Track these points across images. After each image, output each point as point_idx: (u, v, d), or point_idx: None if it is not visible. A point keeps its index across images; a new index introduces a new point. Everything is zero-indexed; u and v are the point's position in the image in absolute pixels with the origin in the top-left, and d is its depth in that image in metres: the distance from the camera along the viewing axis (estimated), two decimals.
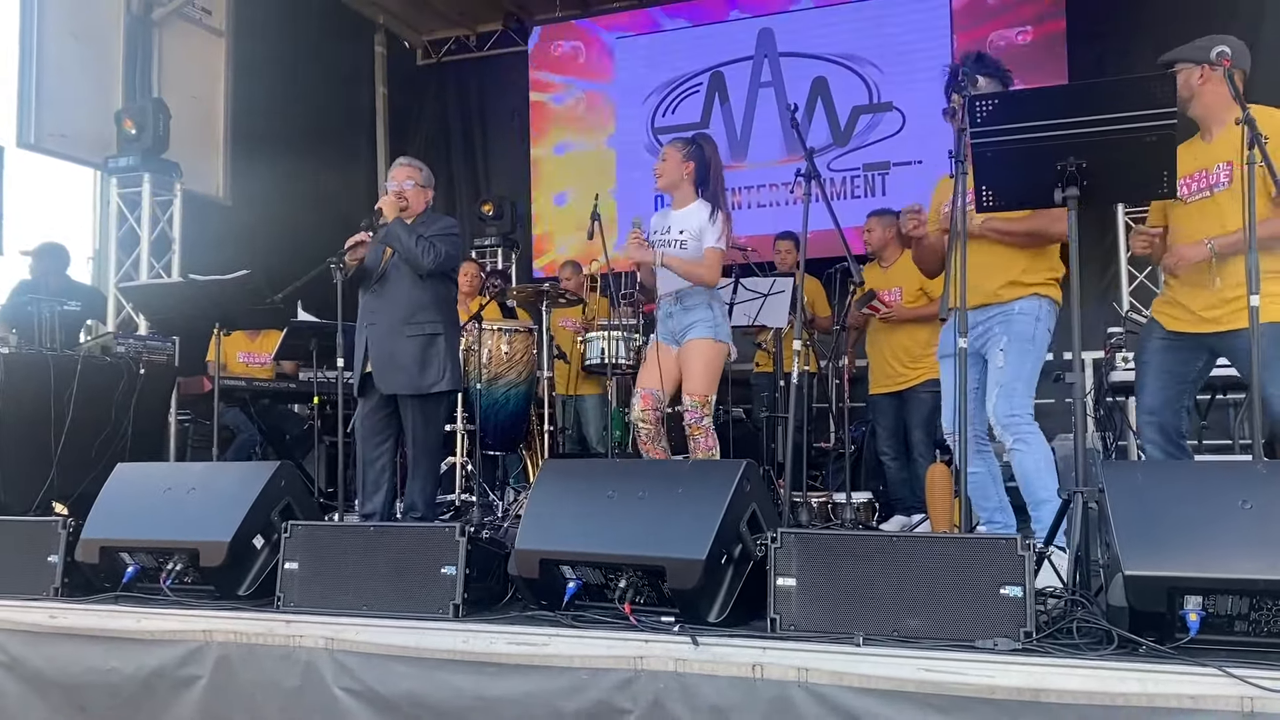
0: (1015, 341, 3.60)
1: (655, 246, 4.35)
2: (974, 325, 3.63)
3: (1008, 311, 3.64)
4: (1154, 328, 3.61)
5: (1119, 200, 3.10)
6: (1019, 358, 3.59)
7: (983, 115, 3.05)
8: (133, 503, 3.76)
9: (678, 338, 4.35)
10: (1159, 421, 3.55)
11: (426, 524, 3.99)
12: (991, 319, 3.66)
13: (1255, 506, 2.48)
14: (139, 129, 6.84)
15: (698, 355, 4.26)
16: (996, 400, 3.59)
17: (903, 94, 8.40)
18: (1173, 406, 3.55)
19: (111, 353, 5.38)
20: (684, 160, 4.36)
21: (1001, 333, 3.63)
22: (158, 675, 3.17)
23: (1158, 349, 3.57)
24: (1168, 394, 3.55)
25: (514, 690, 2.76)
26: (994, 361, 3.63)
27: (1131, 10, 7.52)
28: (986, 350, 3.69)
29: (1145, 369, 3.61)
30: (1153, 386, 3.57)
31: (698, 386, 4.25)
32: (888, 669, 2.46)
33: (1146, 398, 3.59)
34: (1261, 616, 2.41)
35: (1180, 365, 3.54)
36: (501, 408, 5.77)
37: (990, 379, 3.65)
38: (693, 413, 4.24)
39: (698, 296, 4.32)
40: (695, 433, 4.27)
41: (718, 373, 4.35)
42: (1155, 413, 3.56)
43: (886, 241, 5.75)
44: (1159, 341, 3.57)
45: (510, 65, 9.93)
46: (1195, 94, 3.41)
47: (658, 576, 2.90)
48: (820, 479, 6.47)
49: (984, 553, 2.62)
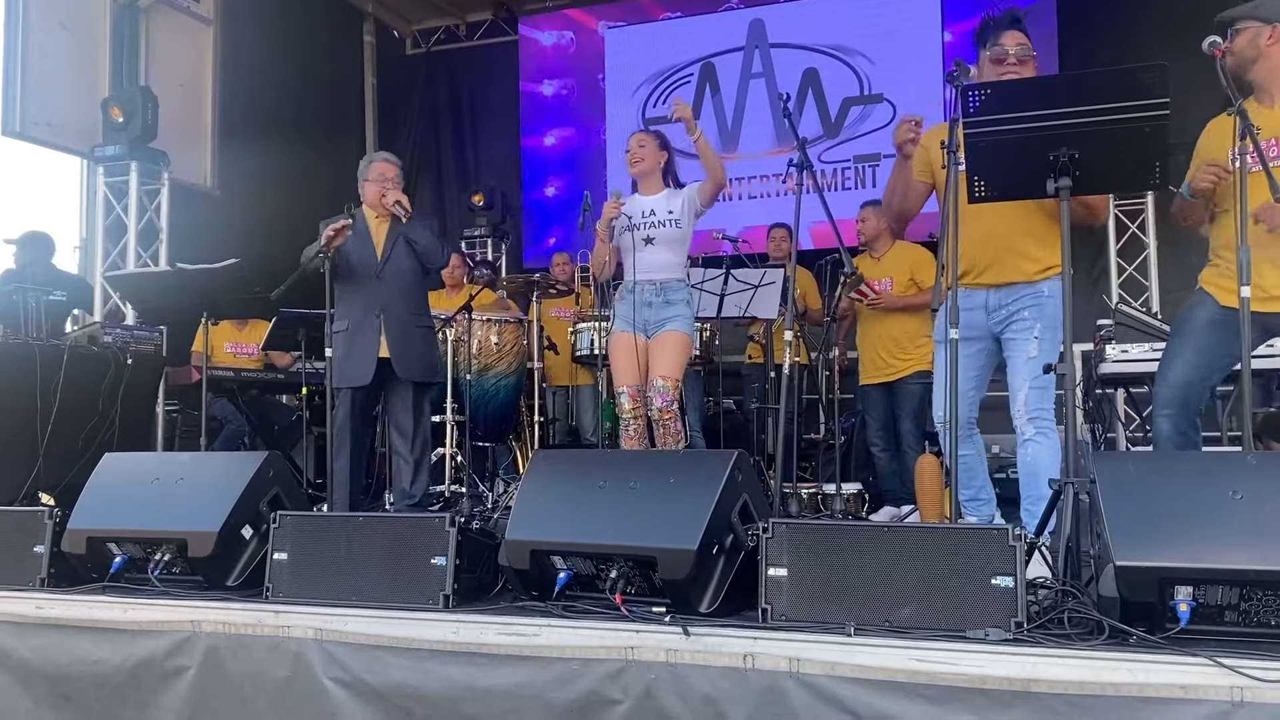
0: (1049, 329, 3.47)
1: (633, 229, 4.45)
2: (997, 307, 3.54)
3: (1038, 294, 3.49)
4: (1205, 300, 3.40)
5: (1110, 190, 3.08)
6: (1052, 347, 3.46)
7: (975, 105, 3.04)
8: (120, 493, 3.73)
9: (650, 329, 4.38)
10: (1184, 396, 3.38)
11: (416, 514, 3.99)
12: (1020, 300, 3.52)
13: (1246, 497, 2.48)
14: (126, 117, 6.79)
15: (675, 346, 4.38)
16: (1029, 392, 3.47)
17: (893, 86, 8.40)
18: (1206, 383, 3.40)
19: (98, 342, 5.34)
20: (660, 149, 4.59)
21: (1034, 318, 3.48)
22: (145, 666, 3.15)
23: (1205, 323, 3.38)
24: (1202, 371, 3.38)
25: (504, 681, 2.75)
26: (1025, 350, 3.49)
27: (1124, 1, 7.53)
28: (1009, 333, 3.55)
29: (1185, 341, 3.42)
30: (1190, 359, 3.38)
31: (672, 370, 4.33)
32: (879, 659, 2.46)
33: (1178, 370, 3.40)
34: (1251, 607, 2.41)
35: (1225, 344, 3.35)
36: (491, 399, 5.76)
37: (1022, 368, 3.50)
38: (664, 396, 4.27)
39: (681, 291, 4.45)
40: (666, 417, 4.28)
41: (685, 363, 4.53)
42: (1183, 386, 3.38)
43: (880, 232, 5.75)
44: (1209, 315, 3.38)
45: (500, 55, 9.90)
46: (1262, 55, 3.27)
47: (649, 567, 2.89)
48: (810, 470, 6.47)
49: (975, 543, 2.62)
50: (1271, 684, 2.17)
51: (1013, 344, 3.55)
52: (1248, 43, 3.27)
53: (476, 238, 9.31)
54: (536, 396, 6.14)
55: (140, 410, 5.51)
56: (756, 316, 5.83)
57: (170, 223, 7.14)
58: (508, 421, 6.00)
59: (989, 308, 3.57)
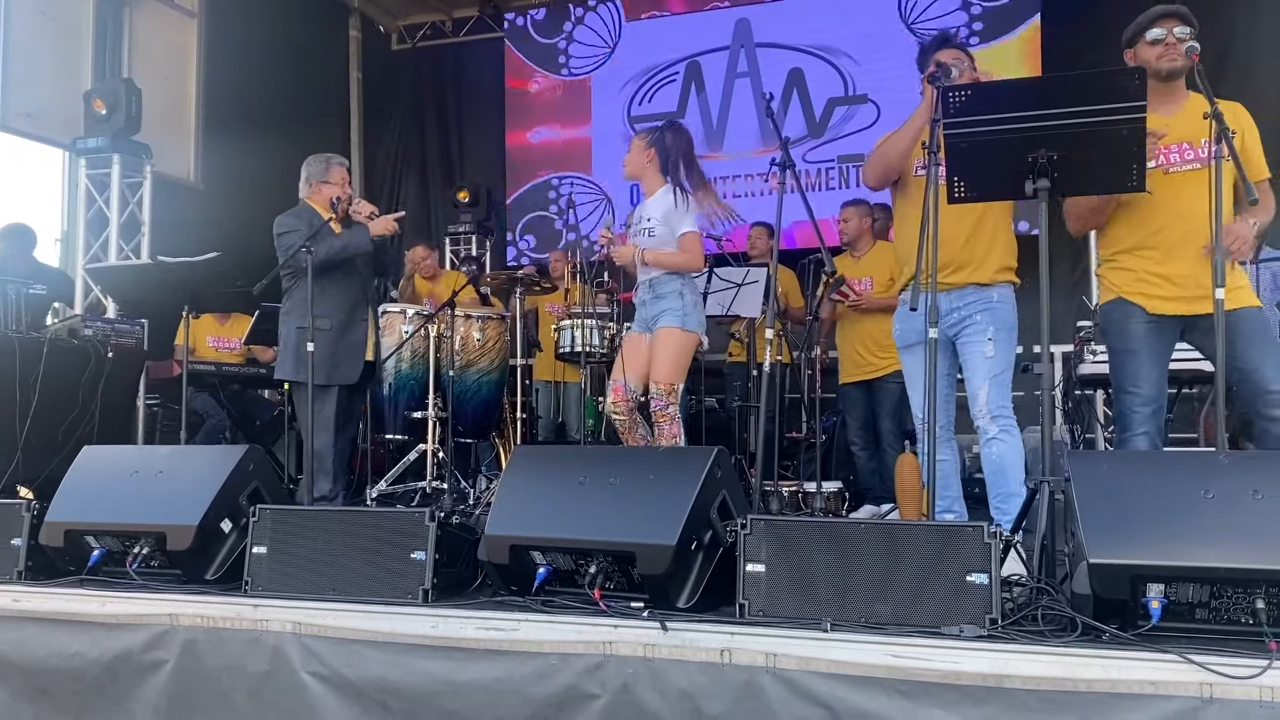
0: (1002, 330, 3.58)
1: (633, 240, 4.37)
2: (950, 310, 3.61)
3: (988, 299, 3.61)
4: (1132, 310, 3.40)
5: (1089, 192, 3.09)
6: (1007, 347, 3.57)
7: (956, 106, 3.07)
8: (99, 485, 3.71)
9: (650, 325, 4.36)
10: (1156, 410, 3.37)
11: (396, 509, 4.00)
12: (970, 304, 3.62)
13: (1217, 496, 2.51)
14: (109, 110, 6.75)
15: (665, 344, 4.27)
16: (990, 391, 3.54)
17: (878, 86, 8.43)
18: (1164, 395, 3.41)
19: (79, 336, 5.32)
20: (646, 147, 4.40)
21: (986, 321, 3.59)
22: (122, 659, 3.14)
23: (1145, 334, 3.38)
24: (1161, 384, 3.39)
25: (483, 675, 2.75)
26: (981, 350, 3.58)
27: (1106, 3, 7.57)
28: (961, 337, 3.64)
29: (1140, 356, 3.38)
30: (1152, 374, 3.37)
31: (663, 374, 4.25)
32: (855, 655, 2.48)
33: (1146, 387, 3.37)
34: (1222, 604, 2.44)
35: (1166, 350, 3.41)
36: (474, 395, 5.76)
37: (979, 368, 3.58)
38: (657, 400, 4.25)
39: (670, 284, 4.31)
40: (660, 419, 4.27)
41: (686, 362, 4.34)
42: (1156, 400, 3.37)
43: (861, 232, 5.78)
44: (1144, 326, 3.38)
45: (486, 52, 9.89)
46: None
47: (628, 562, 2.90)
48: (791, 469, 6.50)
49: (951, 540, 2.64)
50: (1240, 681, 2.20)
51: (968, 346, 3.64)
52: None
53: (461, 234, 9.31)
54: (520, 393, 6.14)
55: (121, 404, 5.49)
56: (739, 315, 5.86)
57: (152, 216, 7.11)
58: (490, 418, 6.00)
59: (942, 310, 3.61)
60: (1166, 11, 3.37)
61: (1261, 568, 2.39)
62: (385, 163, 10.35)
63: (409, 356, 5.64)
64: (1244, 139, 3.32)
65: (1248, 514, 2.47)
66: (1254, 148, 3.39)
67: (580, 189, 9.13)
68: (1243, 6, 7.34)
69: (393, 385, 5.67)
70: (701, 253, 4.35)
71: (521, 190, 9.53)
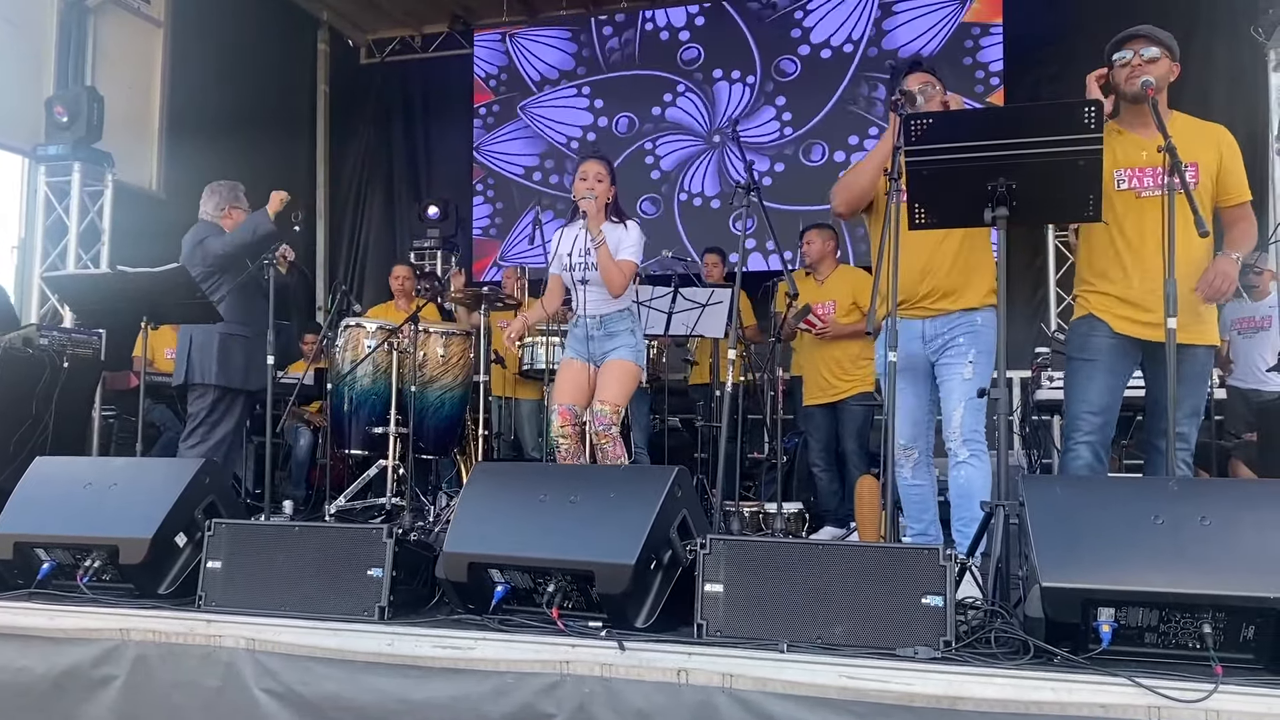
0: (983, 354, 3.59)
1: (570, 270, 4.32)
2: (933, 336, 3.65)
3: (972, 322, 3.63)
4: (1098, 325, 3.46)
5: (1046, 221, 3.14)
6: (986, 371, 3.59)
7: (918, 134, 3.11)
8: (51, 497, 3.64)
9: (597, 359, 4.34)
10: (1104, 422, 3.43)
11: (353, 525, 3.96)
12: (955, 329, 3.63)
13: (1167, 522, 2.56)
14: (71, 117, 6.69)
15: (619, 373, 4.25)
16: (964, 414, 3.57)
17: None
18: (1117, 408, 3.45)
19: (34, 345, 5.24)
20: (611, 184, 4.34)
21: (969, 344, 3.61)
22: (70, 675, 3.09)
23: (1107, 348, 3.43)
24: (1117, 395, 3.44)
25: (439, 694, 2.74)
26: (960, 373, 3.60)
27: (1068, 38, 7.72)
28: (943, 358, 3.66)
29: (1096, 366, 3.44)
30: (1106, 384, 3.42)
31: (613, 396, 4.21)
32: (810, 675, 2.49)
33: (1096, 396, 3.43)
34: (1170, 629, 2.48)
35: (1125, 370, 3.46)
36: (436, 411, 5.72)
37: (956, 390, 3.60)
38: (602, 419, 4.18)
39: (622, 322, 4.30)
40: (603, 441, 4.23)
41: (632, 389, 4.36)
42: (1104, 410, 3.42)
43: (824, 255, 5.83)
44: (1108, 341, 3.43)
45: (454, 67, 9.91)
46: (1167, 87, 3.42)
47: (586, 581, 2.90)
48: (753, 489, 6.52)
49: (907, 562, 2.67)
50: (1187, 704, 2.24)
51: (947, 368, 3.66)
52: (1165, 71, 3.40)
53: (426, 249, 9.28)
54: (483, 410, 6.12)
55: (76, 414, 5.43)
56: (704, 335, 5.88)
57: (113, 225, 7.04)
58: (452, 434, 5.96)
59: (925, 337, 3.67)
60: (1133, 34, 3.42)
61: (1207, 593, 2.43)
62: (351, 176, 10.31)
63: (371, 371, 5.60)
64: (1223, 162, 3.40)
65: (1195, 540, 2.52)
66: (1236, 170, 3.43)
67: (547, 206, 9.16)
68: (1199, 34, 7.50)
69: (354, 400, 5.62)
70: (629, 283, 4.30)
71: (487, 206, 9.52)
